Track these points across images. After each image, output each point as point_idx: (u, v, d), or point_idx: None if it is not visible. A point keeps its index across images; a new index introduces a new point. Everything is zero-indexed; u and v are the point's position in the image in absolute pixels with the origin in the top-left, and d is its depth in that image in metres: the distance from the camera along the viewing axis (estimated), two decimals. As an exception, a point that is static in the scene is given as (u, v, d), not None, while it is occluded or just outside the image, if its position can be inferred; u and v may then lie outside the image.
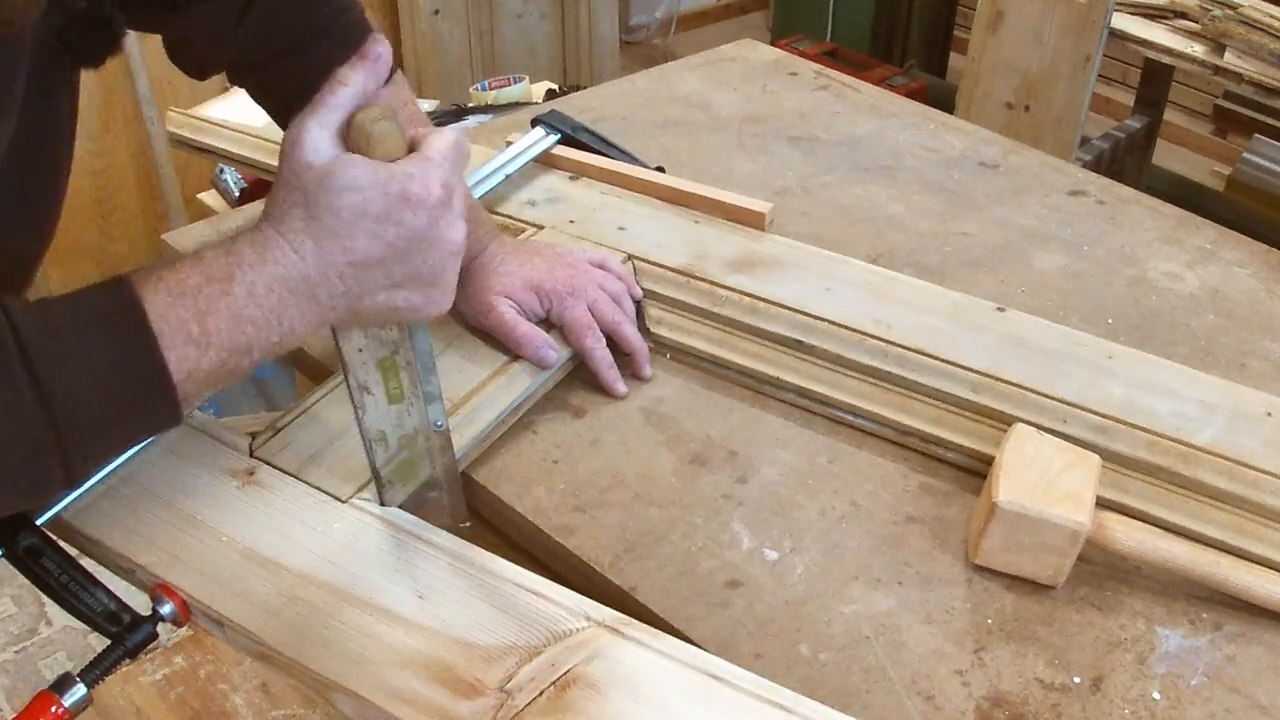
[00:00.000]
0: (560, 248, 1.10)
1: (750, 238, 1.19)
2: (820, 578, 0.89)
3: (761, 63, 1.71)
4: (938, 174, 1.43)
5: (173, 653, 2.06)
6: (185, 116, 1.43)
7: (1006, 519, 0.86)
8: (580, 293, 1.04)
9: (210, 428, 0.93)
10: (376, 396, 0.82)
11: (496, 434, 0.99)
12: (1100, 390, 0.99)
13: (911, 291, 1.12)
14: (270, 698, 1.99)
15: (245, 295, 0.67)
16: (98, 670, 0.75)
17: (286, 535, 0.84)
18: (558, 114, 1.36)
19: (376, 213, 0.68)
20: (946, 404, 1.00)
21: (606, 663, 0.75)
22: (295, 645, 0.76)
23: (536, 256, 1.07)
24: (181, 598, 0.79)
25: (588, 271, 1.07)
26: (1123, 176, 2.43)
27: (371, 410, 0.83)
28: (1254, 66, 2.37)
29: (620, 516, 0.93)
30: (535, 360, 1.01)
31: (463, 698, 0.73)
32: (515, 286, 1.03)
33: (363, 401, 0.82)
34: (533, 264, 1.05)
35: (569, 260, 1.07)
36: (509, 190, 1.26)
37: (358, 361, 0.80)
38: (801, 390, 1.04)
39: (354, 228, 0.68)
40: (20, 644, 2.08)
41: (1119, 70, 3.73)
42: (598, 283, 1.06)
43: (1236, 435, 0.95)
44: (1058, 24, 2.36)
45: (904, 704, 0.79)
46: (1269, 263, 1.27)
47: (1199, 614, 0.87)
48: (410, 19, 2.97)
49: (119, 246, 2.70)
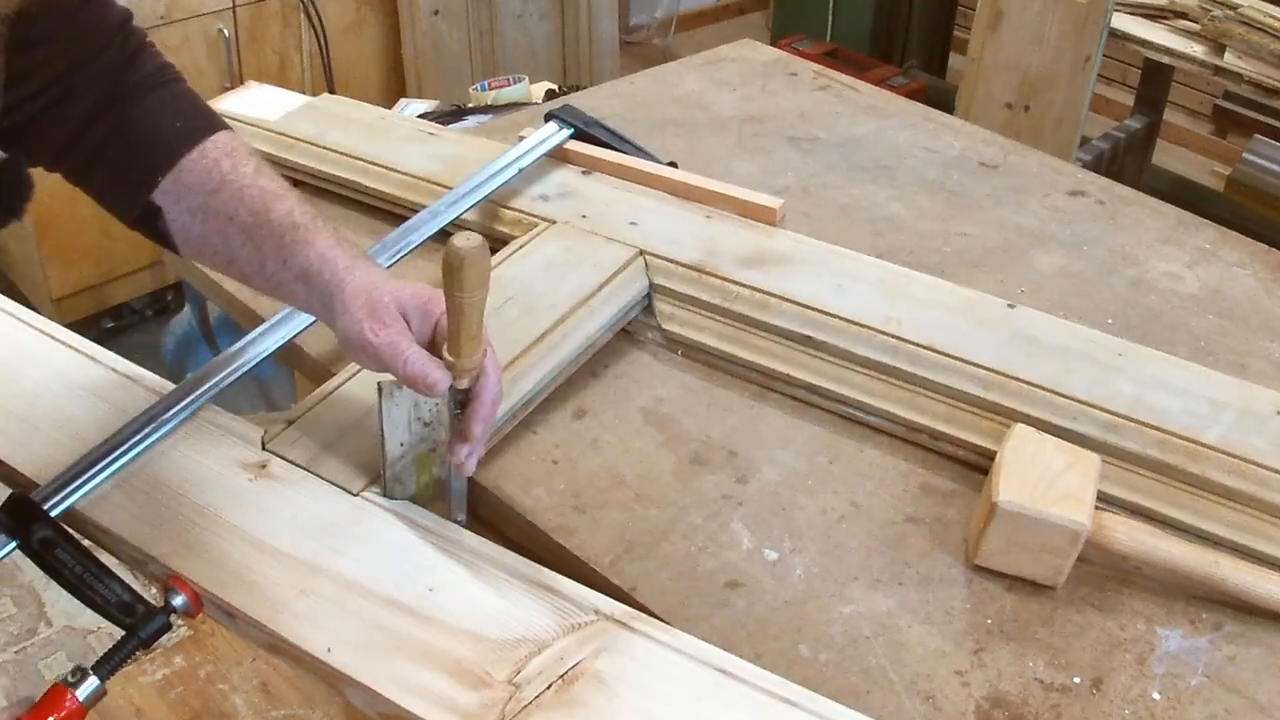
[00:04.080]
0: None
1: (762, 233, 1.19)
2: (820, 578, 0.89)
3: (761, 63, 1.71)
4: (937, 174, 1.43)
5: (173, 653, 2.06)
6: None
7: (1006, 519, 0.86)
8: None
9: (222, 421, 0.94)
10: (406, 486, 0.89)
11: (497, 436, 0.99)
12: (1110, 388, 0.99)
13: (922, 288, 1.12)
14: (270, 698, 1.99)
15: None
16: (111, 662, 0.76)
17: (298, 528, 0.85)
18: (571, 109, 1.36)
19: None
20: (956, 400, 1.01)
21: (615, 656, 0.75)
22: (305, 637, 0.77)
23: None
24: (193, 589, 0.80)
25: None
26: (1123, 176, 2.42)
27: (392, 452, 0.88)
28: (1254, 66, 2.37)
29: (620, 516, 0.93)
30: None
31: (472, 690, 0.73)
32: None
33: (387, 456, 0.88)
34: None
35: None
36: (522, 184, 1.26)
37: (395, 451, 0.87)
38: (811, 386, 1.05)
39: None
40: (20, 644, 2.08)
41: (1119, 70, 3.73)
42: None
43: (1245, 433, 0.95)
44: (1058, 24, 2.36)
45: (904, 704, 0.79)
46: (1269, 263, 1.27)
47: (1199, 614, 0.87)
48: (410, 19, 2.97)
49: (119, 246, 2.70)
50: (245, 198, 0.88)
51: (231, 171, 0.89)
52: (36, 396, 0.97)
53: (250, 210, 0.88)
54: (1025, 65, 2.43)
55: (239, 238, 0.88)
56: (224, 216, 0.88)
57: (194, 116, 0.92)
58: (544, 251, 1.16)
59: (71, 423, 0.94)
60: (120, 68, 0.89)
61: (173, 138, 0.89)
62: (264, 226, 0.87)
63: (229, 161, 0.89)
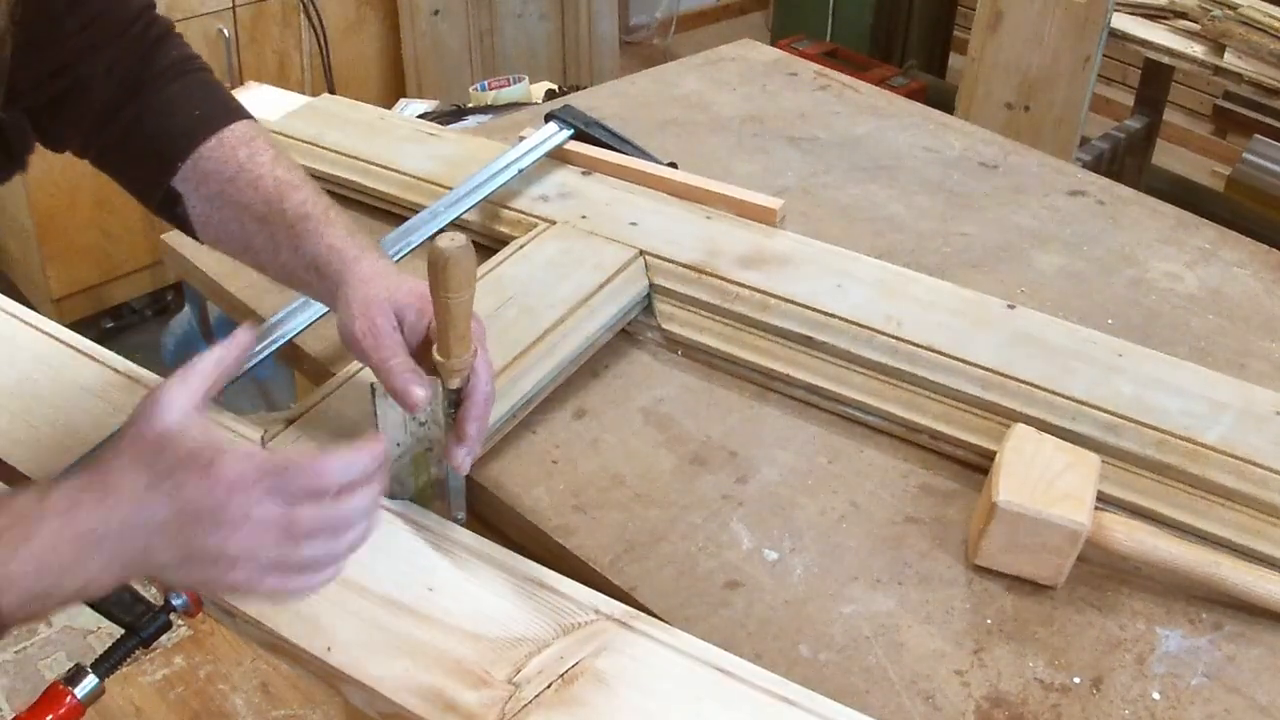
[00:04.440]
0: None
1: (762, 234, 1.19)
2: (820, 578, 0.89)
3: (761, 63, 1.71)
4: (937, 174, 1.43)
5: (173, 653, 2.06)
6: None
7: (1006, 519, 0.86)
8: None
9: (223, 421, 0.94)
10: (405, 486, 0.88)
11: (497, 436, 0.99)
12: (1109, 388, 0.99)
13: (922, 289, 1.12)
14: (270, 698, 1.99)
15: (49, 542, 0.63)
16: (110, 661, 0.76)
17: None
18: (571, 109, 1.36)
19: (169, 471, 0.64)
20: (956, 401, 1.01)
21: (614, 656, 0.76)
22: (305, 636, 0.77)
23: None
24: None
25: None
26: (1122, 176, 2.42)
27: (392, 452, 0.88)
28: (1254, 66, 2.37)
29: (620, 516, 0.93)
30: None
31: (471, 689, 0.74)
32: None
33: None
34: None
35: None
36: (522, 185, 1.26)
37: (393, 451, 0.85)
38: (811, 386, 1.05)
39: (155, 488, 0.64)
40: (20, 644, 2.08)
41: (1119, 70, 3.73)
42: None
43: (1245, 434, 0.95)
44: (1058, 24, 2.36)
45: (904, 704, 0.79)
46: (1269, 263, 1.27)
47: (1199, 614, 0.87)
48: (410, 19, 2.97)
49: (119, 246, 2.70)
50: (260, 186, 0.89)
51: (248, 160, 0.90)
52: (36, 396, 0.97)
53: (265, 199, 0.89)
54: (1025, 65, 2.43)
55: (254, 225, 0.89)
56: (239, 204, 0.89)
57: (214, 105, 0.93)
58: (544, 252, 1.16)
59: (71, 423, 0.94)
60: (142, 55, 0.91)
61: (191, 126, 0.91)
62: (278, 215, 0.88)
63: (246, 150, 0.91)
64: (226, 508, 0.64)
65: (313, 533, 0.67)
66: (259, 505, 0.65)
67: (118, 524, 0.64)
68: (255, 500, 0.65)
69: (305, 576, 0.68)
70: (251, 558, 0.66)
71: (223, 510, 0.64)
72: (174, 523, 0.64)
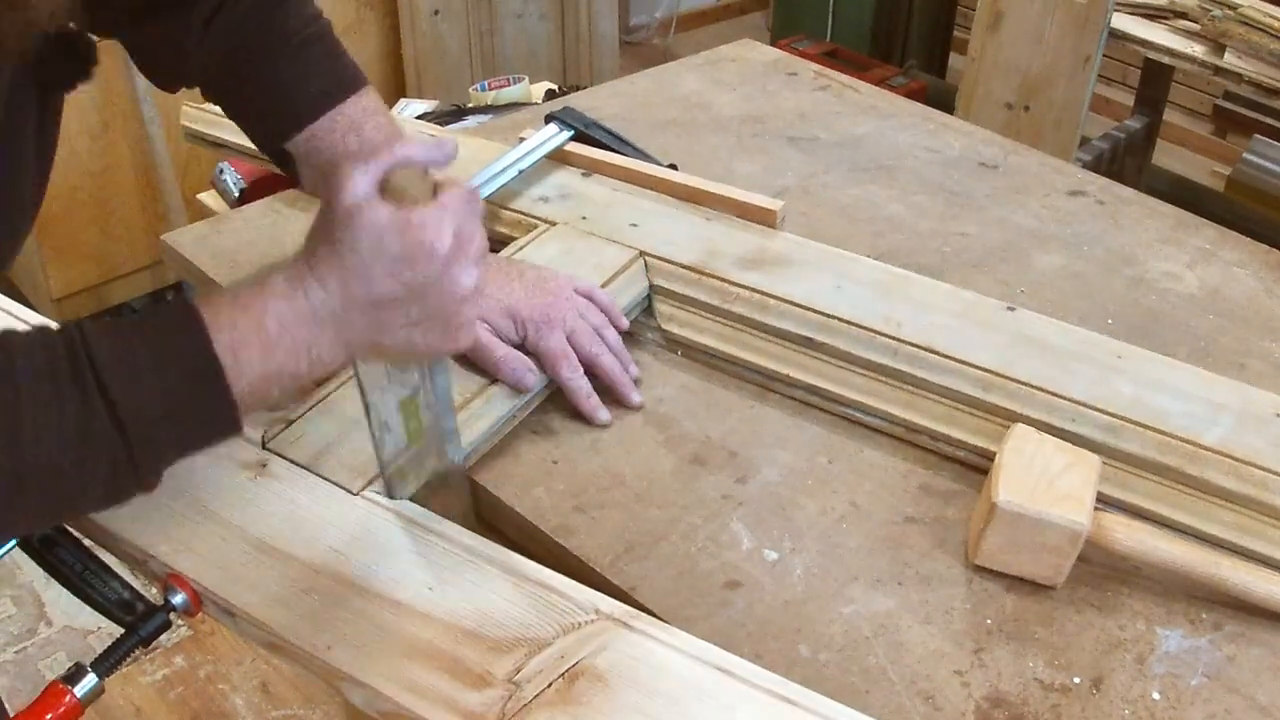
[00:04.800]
0: (546, 271, 1.08)
1: (761, 235, 1.19)
2: (820, 578, 0.89)
3: (761, 63, 1.71)
4: (937, 174, 1.43)
5: (173, 653, 2.06)
6: (200, 110, 1.43)
7: (1006, 519, 0.86)
8: (557, 322, 1.02)
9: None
10: (396, 434, 0.85)
11: (496, 437, 0.99)
12: (1109, 389, 0.99)
13: (922, 290, 1.12)
14: (270, 698, 1.99)
15: (275, 328, 0.69)
16: (110, 660, 0.76)
17: (298, 527, 0.85)
18: (571, 110, 1.36)
19: (394, 254, 0.70)
20: (955, 402, 1.01)
21: (615, 655, 0.76)
22: (306, 635, 0.77)
23: (517, 281, 1.05)
24: (193, 588, 0.80)
25: (569, 299, 1.04)
26: (1122, 177, 2.43)
27: (390, 445, 0.86)
28: (1254, 66, 2.37)
29: (620, 517, 0.93)
30: (513, 383, 1.00)
31: (472, 689, 0.74)
32: (491, 311, 1.02)
33: (382, 439, 0.85)
34: (511, 289, 1.04)
35: (550, 287, 1.05)
36: (521, 186, 1.26)
37: (380, 401, 0.83)
38: (811, 387, 1.05)
39: (373, 267, 0.70)
40: (20, 644, 2.08)
41: (1119, 70, 3.73)
42: (579, 311, 1.04)
43: (1245, 435, 0.95)
44: (1058, 24, 2.36)
45: (904, 704, 0.79)
46: (1268, 263, 1.27)
47: (1199, 614, 0.87)
48: (410, 19, 2.97)
49: (119, 246, 2.70)
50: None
51: (357, 146, 0.95)
52: (36, 396, 0.97)
53: None
54: (1025, 65, 2.43)
55: None
56: None
57: (330, 79, 0.98)
58: (544, 253, 1.16)
59: (71, 423, 0.94)
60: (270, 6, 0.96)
61: (308, 102, 0.96)
62: None
63: (354, 137, 0.95)
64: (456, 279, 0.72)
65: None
66: (467, 274, 0.73)
67: (340, 302, 0.70)
68: (466, 269, 0.73)
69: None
70: (472, 320, 0.75)
71: (448, 278, 0.72)
72: (402, 296, 0.71)
